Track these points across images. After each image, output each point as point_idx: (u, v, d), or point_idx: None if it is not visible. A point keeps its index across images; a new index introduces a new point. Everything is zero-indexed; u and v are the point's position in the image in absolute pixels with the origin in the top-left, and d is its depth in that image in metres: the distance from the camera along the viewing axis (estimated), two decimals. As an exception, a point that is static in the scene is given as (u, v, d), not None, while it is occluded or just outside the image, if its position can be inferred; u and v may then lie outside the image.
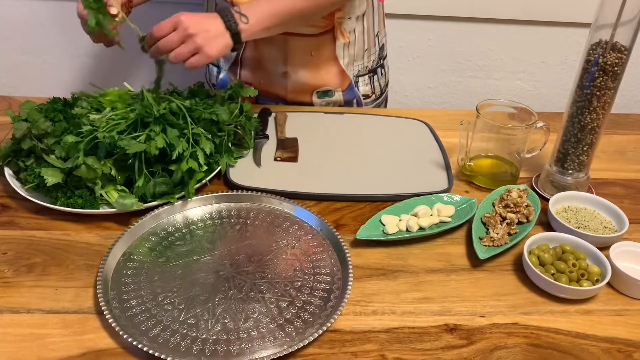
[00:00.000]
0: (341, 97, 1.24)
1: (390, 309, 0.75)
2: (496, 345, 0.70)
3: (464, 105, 1.82)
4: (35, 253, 0.81)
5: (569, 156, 0.94)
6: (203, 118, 0.92)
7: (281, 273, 0.79)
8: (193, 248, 0.83)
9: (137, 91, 0.97)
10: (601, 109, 0.89)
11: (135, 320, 0.71)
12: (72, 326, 0.70)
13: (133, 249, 0.82)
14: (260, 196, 0.92)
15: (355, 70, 1.22)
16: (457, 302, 0.76)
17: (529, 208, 0.89)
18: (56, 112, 0.91)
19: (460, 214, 0.90)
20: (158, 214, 0.87)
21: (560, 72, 1.78)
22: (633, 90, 1.83)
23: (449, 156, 1.05)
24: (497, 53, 1.74)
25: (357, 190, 0.95)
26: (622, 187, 1.02)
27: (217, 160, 0.95)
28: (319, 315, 0.72)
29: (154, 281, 0.77)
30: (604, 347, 0.71)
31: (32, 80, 1.72)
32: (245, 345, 0.68)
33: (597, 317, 0.75)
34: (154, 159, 0.87)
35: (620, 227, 0.87)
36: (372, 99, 1.29)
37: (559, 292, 0.76)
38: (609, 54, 0.84)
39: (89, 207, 0.85)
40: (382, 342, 0.70)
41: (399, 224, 0.87)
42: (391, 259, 0.83)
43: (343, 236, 0.85)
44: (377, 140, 1.10)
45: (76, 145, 0.85)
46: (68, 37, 1.65)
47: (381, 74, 1.29)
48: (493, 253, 0.82)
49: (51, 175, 0.85)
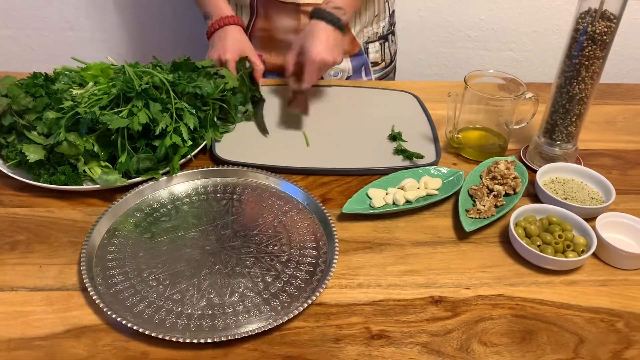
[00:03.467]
0: (349, 64, 1.22)
1: (375, 282, 0.75)
2: (481, 317, 0.70)
3: (454, 77, 1.81)
4: (18, 231, 0.80)
5: (557, 127, 0.93)
6: (187, 92, 0.91)
7: (267, 248, 0.79)
8: (178, 224, 0.82)
9: (120, 65, 0.95)
10: (590, 79, 0.88)
11: (120, 296, 0.71)
12: (56, 303, 0.70)
13: (117, 225, 0.81)
14: (246, 171, 0.91)
15: (365, 37, 1.21)
16: (442, 274, 0.76)
17: (516, 180, 0.89)
18: (37, 88, 0.90)
19: (448, 186, 0.90)
20: (142, 190, 0.86)
21: (552, 41, 1.76)
22: (624, 60, 1.81)
23: (437, 129, 1.04)
24: (489, 23, 1.72)
25: (344, 164, 0.94)
26: (610, 158, 1.02)
27: (202, 134, 0.94)
28: (304, 289, 0.72)
29: (138, 257, 0.76)
30: (588, 317, 0.71)
31: (12, 54, 1.69)
32: (231, 319, 0.68)
33: (582, 288, 0.75)
34: (137, 135, 0.86)
35: (607, 198, 0.87)
36: (382, 67, 1.27)
37: (544, 263, 0.77)
38: (598, 23, 0.83)
39: (72, 184, 0.84)
40: (367, 315, 0.70)
41: (385, 198, 0.86)
42: (377, 232, 0.83)
43: (330, 210, 0.84)
44: (366, 113, 1.09)
45: (57, 121, 0.84)
46: (50, 9, 1.61)
47: (392, 41, 1.28)
48: (479, 225, 0.82)
49: (33, 152, 0.84)
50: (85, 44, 1.69)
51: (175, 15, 1.67)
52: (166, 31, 1.70)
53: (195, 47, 1.71)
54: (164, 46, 1.72)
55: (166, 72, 0.95)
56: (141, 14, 1.65)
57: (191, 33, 1.70)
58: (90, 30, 1.66)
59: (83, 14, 1.63)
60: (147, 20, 1.67)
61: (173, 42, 1.72)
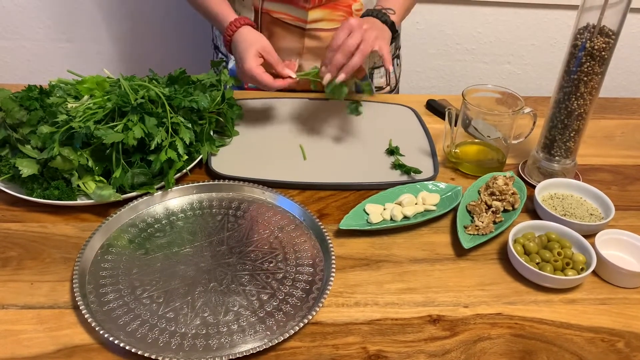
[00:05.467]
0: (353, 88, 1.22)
1: (373, 300, 0.73)
2: (480, 337, 0.69)
3: (452, 90, 1.81)
4: (10, 246, 0.79)
5: (555, 143, 0.93)
6: (183, 106, 0.90)
7: (263, 265, 0.77)
8: (173, 240, 0.81)
9: (116, 78, 0.95)
10: (588, 94, 0.87)
11: (113, 314, 0.69)
12: (47, 322, 0.68)
13: (111, 241, 0.80)
14: (242, 186, 0.90)
15: (371, 63, 1.21)
16: (440, 292, 0.75)
17: (515, 196, 0.88)
18: (32, 101, 0.89)
19: (446, 202, 0.89)
20: (137, 205, 0.85)
21: (549, 54, 1.76)
22: (622, 73, 1.81)
23: (435, 143, 1.03)
24: (486, 36, 1.72)
25: (341, 179, 0.93)
26: (609, 173, 1.01)
27: (198, 148, 0.93)
28: (300, 308, 0.71)
29: (132, 274, 0.75)
30: (588, 336, 0.70)
31: (8, 65, 1.68)
32: (225, 339, 0.67)
33: (582, 307, 0.74)
34: (132, 149, 0.85)
35: (606, 214, 0.86)
36: (387, 91, 1.27)
37: (543, 281, 0.76)
38: (597, 39, 0.83)
39: (66, 199, 0.83)
40: (364, 334, 0.69)
41: (383, 213, 0.85)
42: (375, 249, 0.82)
43: (327, 226, 0.83)
44: (363, 127, 1.08)
45: (51, 135, 0.83)
46: (46, 20, 1.61)
47: (396, 64, 1.28)
48: (478, 242, 0.81)
49: (26, 166, 0.83)
50: (82, 55, 1.68)
51: (173, 27, 1.67)
52: (163, 44, 1.69)
53: (193, 59, 1.70)
54: (161, 58, 1.71)
55: (162, 85, 0.94)
56: (138, 26, 1.65)
57: (189, 46, 1.69)
58: (87, 41, 1.66)
59: (79, 25, 1.62)
60: (144, 33, 1.67)
61: (170, 54, 1.71)
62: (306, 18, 1.11)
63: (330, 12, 1.11)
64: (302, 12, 1.11)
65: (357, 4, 1.12)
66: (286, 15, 1.12)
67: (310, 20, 1.11)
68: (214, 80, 1.01)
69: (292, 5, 1.10)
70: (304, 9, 1.10)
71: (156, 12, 1.63)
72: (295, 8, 1.11)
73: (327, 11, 1.11)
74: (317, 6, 1.10)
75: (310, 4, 1.09)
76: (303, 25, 1.12)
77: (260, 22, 1.14)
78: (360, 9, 1.13)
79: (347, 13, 1.13)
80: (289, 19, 1.12)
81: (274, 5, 1.11)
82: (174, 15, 1.65)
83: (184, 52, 1.71)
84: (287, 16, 1.12)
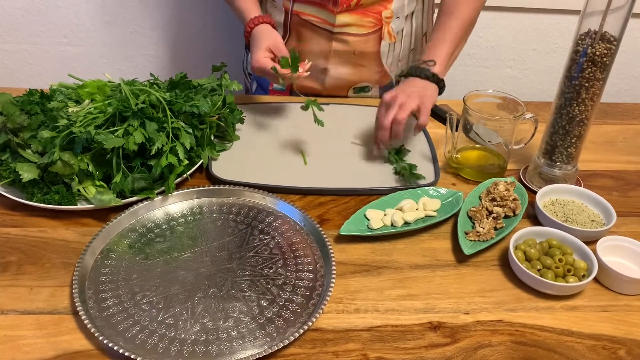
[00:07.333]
0: (377, 93, 1.23)
1: (373, 307, 0.73)
2: (480, 344, 0.69)
3: (453, 95, 1.80)
4: (10, 251, 0.79)
5: (557, 148, 0.92)
6: (183, 111, 0.90)
7: (263, 270, 0.77)
8: (173, 245, 0.81)
9: (117, 82, 0.95)
10: (590, 100, 0.87)
11: (112, 320, 0.69)
12: (46, 327, 0.68)
13: (111, 246, 0.80)
14: (242, 190, 0.90)
15: (399, 70, 1.21)
16: (441, 299, 0.75)
17: (516, 202, 0.88)
18: (33, 105, 0.89)
19: (446, 207, 0.89)
20: (137, 210, 0.85)
21: (551, 59, 1.76)
22: (624, 78, 1.81)
23: (436, 148, 1.03)
24: (487, 41, 1.72)
25: (342, 184, 0.93)
26: (611, 179, 1.01)
27: (199, 153, 0.93)
28: (300, 314, 0.71)
29: (132, 279, 0.75)
30: (589, 344, 0.70)
31: (9, 69, 1.68)
32: (225, 345, 0.67)
33: (583, 313, 0.74)
34: (132, 154, 0.85)
35: (608, 220, 0.86)
36: None
37: (544, 288, 0.75)
38: (598, 45, 0.83)
39: (66, 203, 0.83)
40: (364, 341, 0.68)
41: (383, 219, 0.85)
42: (375, 255, 0.81)
43: (327, 231, 0.83)
44: (364, 132, 1.08)
45: (52, 140, 0.82)
46: (48, 24, 1.61)
47: None
48: (479, 248, 0.81)
49: (27, 170, 0.83)
50: (83, 59, 1.68)
51: (176, 31, 1.67)
52: (165, 48, 1.69)
53: (194, 63, 1.71)
54: (163, 62, 1.71)
55: (163, 90, 0.94)
56: (140, 29, 1.65)
57: (190, 49, 1.69)
58: (88, 45, 1.66)
59: (81, 29, 1.62)
60: (145, 36, 1.67)
61: (171, 58, 1.71)
62: (334, 22, 1.12)
63: (360, 18, 1.12)
64: (330, 16, 1.11)
65: (387, 11, 1.12)
66: (315, 17, 1.13)
67: (339, 24, 1.12)
68: (215, 85, 1.01)
69: (321, 8, 1.11)
70: (332, 12, 1.11)
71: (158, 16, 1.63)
72: (324, 11, 1.12)
73: (356, 17, 1.12)
74: (345, 11, 1.11)
75: (338, 8, 1.10)
76: (331, 29, 1.13)
77: (290, 23, 1.15)
78: (390, 16, 1.13)
79: (377, 20, 1.13)
80: (317, 21, 1.13)
81: (304, 7, 1.13)
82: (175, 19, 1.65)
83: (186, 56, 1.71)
84: (316, 18, 1.13)
